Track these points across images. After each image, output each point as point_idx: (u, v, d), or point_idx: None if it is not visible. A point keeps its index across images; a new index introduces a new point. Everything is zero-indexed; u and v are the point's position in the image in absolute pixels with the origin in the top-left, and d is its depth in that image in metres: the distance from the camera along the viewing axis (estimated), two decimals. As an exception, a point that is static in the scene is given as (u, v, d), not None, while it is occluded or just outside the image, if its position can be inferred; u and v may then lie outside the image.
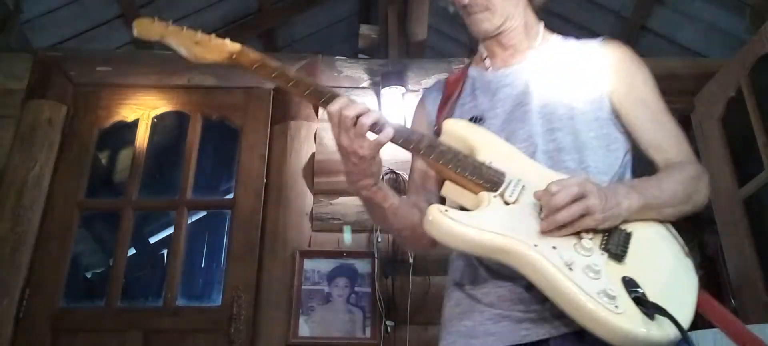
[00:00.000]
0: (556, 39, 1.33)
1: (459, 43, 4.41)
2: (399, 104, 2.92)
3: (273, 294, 2.61)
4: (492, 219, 0.99)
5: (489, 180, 1.05)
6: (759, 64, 2.69)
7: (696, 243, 5.42)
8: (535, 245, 0.95)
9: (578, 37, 1.34)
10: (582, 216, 0.96)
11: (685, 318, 0.91)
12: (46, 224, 2.73)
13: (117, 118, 3.01)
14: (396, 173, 2.72)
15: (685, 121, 3.63)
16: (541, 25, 1.34)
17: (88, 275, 4.72)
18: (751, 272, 2.63)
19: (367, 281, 2.64)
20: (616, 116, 1.21)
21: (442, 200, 1.14)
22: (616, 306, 0.88)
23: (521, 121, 1.18)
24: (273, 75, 1.18)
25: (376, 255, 2.67)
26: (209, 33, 1.24)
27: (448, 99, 1.31)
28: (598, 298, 0.88)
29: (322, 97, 1.12)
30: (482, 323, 1.07)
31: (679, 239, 1.07)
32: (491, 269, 1.09)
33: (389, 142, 1.09)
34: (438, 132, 1.23)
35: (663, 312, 0.87)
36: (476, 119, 1.22)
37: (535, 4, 1.32)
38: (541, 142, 1.15)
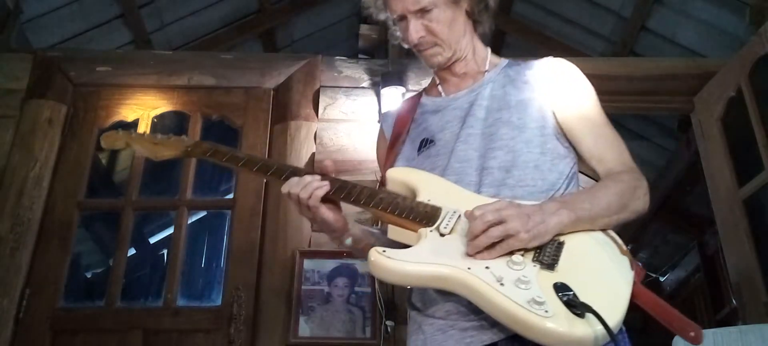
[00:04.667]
0: (504, 62, 1.41)
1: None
2: (399, 104, 2.92)
3: (273, 294, 2.61)
4: (427, 251, 1.08)
5: (424, 217, 1.14)
6: (759, 64, 2.69)
7: (696, 243, 5.41)
8: (469, 268, 1.02)
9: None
10: (506, 238, 1.03)
11: (617, 313, 0.97)
12: (46, 224, 2.72)
13: (117, 118, 3.00)
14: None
15: (685, 121, 3.64)
16: (489, 50, 1.43)
17: (88, 275, 4.72)
18: (751, 272, 2.63)
19: (367, 281, 2.64)
20: (561, 131, 1.28)
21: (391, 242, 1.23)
22: (546, 311, 0.94)
23: (464, 142, 1.26)
24: (224, 159, 1.33)
25: (376, 255, 2.66)
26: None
27: (395, 140, 1.40)
28: (528, 306, 0.95)
29: (270, 171, 1.28)
30: (433, 334, 1.15)
31: (617, 238, 1.12)
32: (439, 290, 1.16)
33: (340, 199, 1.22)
34: (383, 182, 1.32)
35: (591, 310, 0.93)
36: (427, 142, 1.33)
37: (480, 32, 1.41)
38: (481, 162, 1.23)
